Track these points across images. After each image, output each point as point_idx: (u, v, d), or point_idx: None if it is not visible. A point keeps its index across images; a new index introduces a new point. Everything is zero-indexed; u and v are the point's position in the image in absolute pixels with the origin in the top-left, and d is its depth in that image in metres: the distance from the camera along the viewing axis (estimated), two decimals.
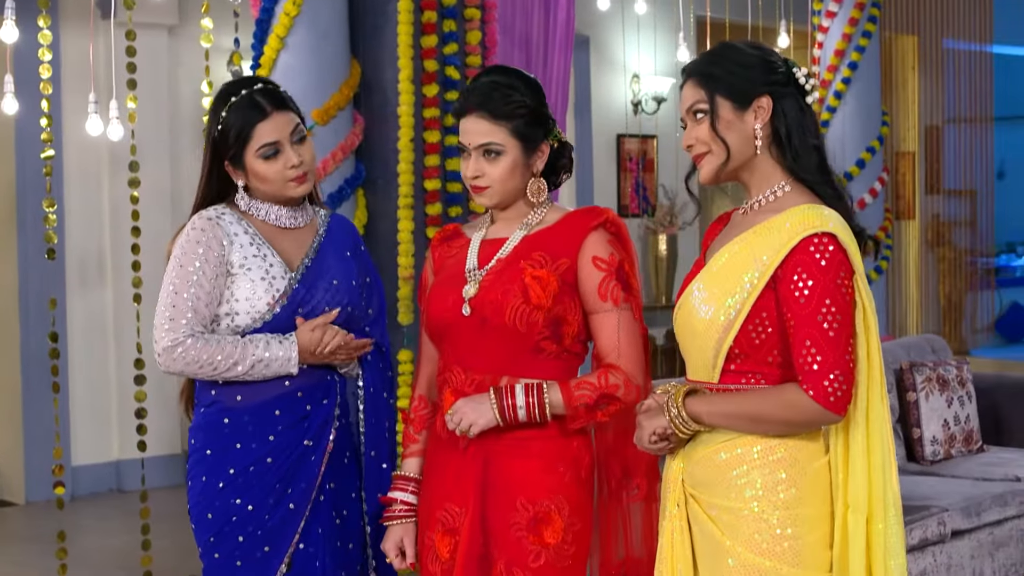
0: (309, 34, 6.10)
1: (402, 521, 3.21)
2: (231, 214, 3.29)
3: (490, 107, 3.06)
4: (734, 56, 2.81)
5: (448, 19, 6.34)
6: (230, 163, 3.28)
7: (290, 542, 3.25)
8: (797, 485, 2.70)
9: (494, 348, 3.03)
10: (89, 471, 8.57)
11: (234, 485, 3.24)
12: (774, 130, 2.79)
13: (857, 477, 2.69)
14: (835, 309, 2.63)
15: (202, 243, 3.22)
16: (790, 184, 2.79)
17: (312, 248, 3.34)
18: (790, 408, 2.66)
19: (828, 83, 9.27)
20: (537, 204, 3.15)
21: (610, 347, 3.04)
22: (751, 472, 2.72)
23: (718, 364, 2.74)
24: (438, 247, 3.26)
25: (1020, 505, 5.38)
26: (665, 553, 2.82)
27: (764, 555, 2.69)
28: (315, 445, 3.26)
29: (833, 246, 2.65)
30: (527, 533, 3.00)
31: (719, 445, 2.75)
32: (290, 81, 6.09)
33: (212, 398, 3.28)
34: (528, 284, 3.00)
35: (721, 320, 2.72)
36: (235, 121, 3.24)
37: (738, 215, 2.91)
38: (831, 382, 2.62)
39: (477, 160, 3.08)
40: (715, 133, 2.80)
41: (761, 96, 2.77)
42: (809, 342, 2.63)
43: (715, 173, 2.83)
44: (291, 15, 6.02)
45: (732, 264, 2.75)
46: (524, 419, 2.98)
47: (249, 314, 3.23)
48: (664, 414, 2.78)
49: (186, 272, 3.21)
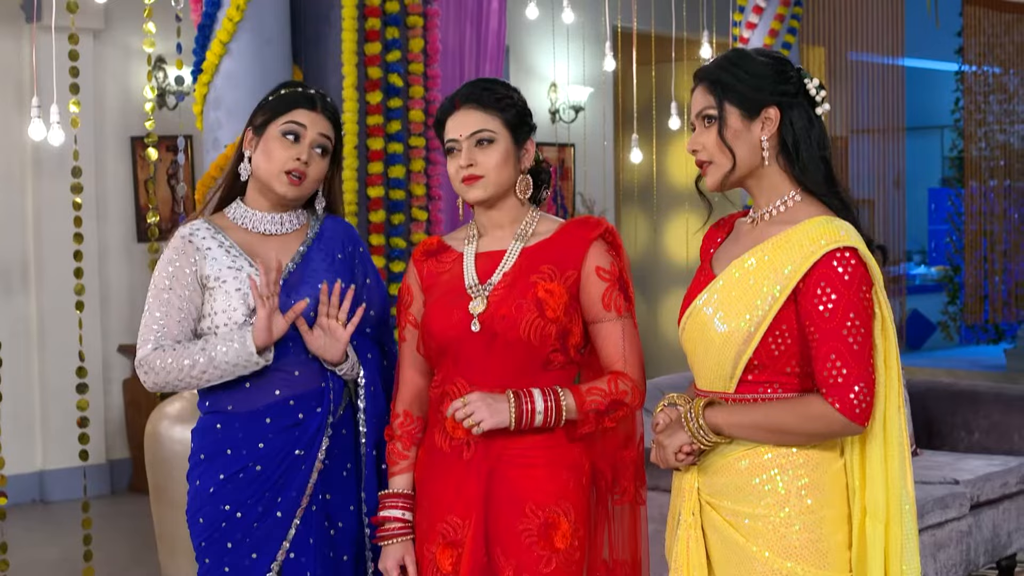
0: (253, 40, 6.06)
1: (399, 539, 3.18)
2: (206, 228, 3.30)
3: (480, 99, 3.10)
4: (745, 64, 2.82)
5: (391, 26, 6.34)
6: (253, 130, 3.30)
7: (277, 550, 3.23)
8: (818, 488, 2.76)
9: (503, 362, 3.04)
10: (13, 482, 8.40)
11: (224, 491, 3.23)
12: (781, 140, 2.81)
13: (876, 485, 2.75)
14: (859, 323, 2.68)
15: (173, 262, 3.27)
16: (799, 194, 2.82)
17: (298, 254, 3.32)
18: (815, 420, 2.70)
19: None
20: (527, 204, 3.16)
21: (616, 355, 3.07)
22: (774, 479, 2.76)
23: (736, 375, 2.78)
24: (424, 261, 3.23)
25: (960, 507, 5.50)
26: (681, 560, 2.85)
27: (792, 558, 2.73)
28: (306, 454, 3.24)
29: (855, 260, 2.69)
30: (537, 539, 3.01)
31: (741, 453, 2.79)
32: (233, 87, 6.06)
33: (207, 406, 3.29)
34: (543, 298, 3.02)
35: (742, 332, 2.75)
36: (285, 96, 3.29)
37: (744, 224, 2.92)
38: (856, 394, 2.67)
39: (469, 150, 3.08)
40: (723, 142, 2.82)
41: (769, 107, 2.80)
42: (834, 356, 2.67)
43: (720, 182, 2.85)
44: (234, 20, 5.97)
45: (750, 277, 2.77)
46: (540, 424, 2.99)
47: (227, 325, 3.23)
48: (683, 429, 2.80)
49: (157, 291, 3.27)
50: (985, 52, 11.92)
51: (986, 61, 11.94)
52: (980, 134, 12.01)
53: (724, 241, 2.98)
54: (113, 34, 8.48)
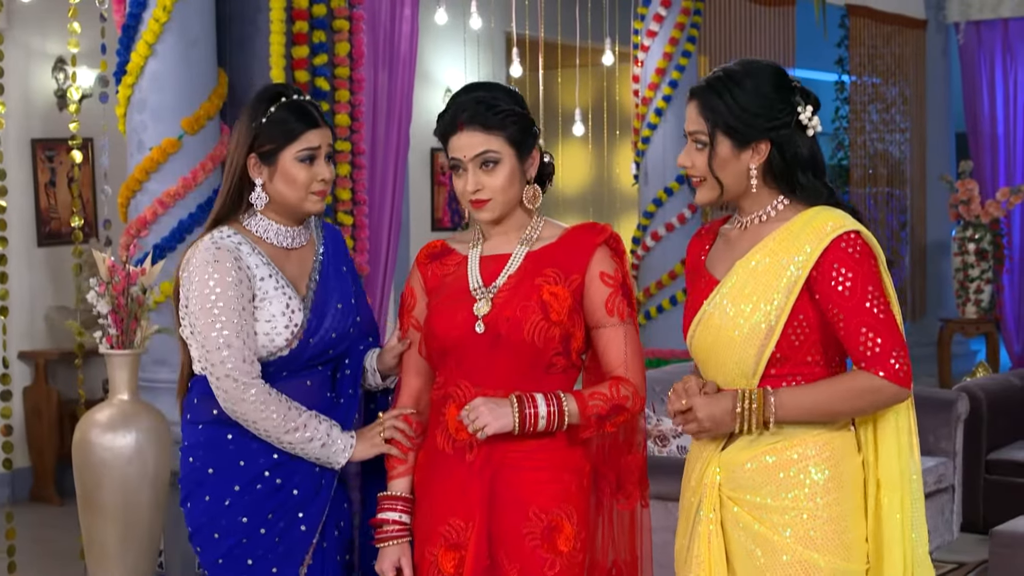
0: (178, 42, 6.01)
1: (397, 541, 3.17)
2: (246, 242, 3.19)
3: (481, 119, 3.07)
4: (741, 93, 2.84)
5: (318, 30, 6.32)
6: (260, 158, 3.17)
7: (300, 563, 3.19)
8: (840, 482, 2.84)
9: (506, 364, 3.05)
10: None
11: (240, 503, 3.15)
12: (770, 167, 2.88)
13: (890, 455, 2.85)
14: (878, 293, 2.78)
15: (233, 277, 3.12)
16: (787, 198, 2.91)
17: (315, 271, 3.27)
18: (866, 395, 2.78)
19: (649, 100, 9.53)
20: (534, 212, 3.18)
21: (618, 361, 3.09)
22: (799, 473, 2.83)
23: (759, 371, 2.84)
24: (428, 264, 3.23)
25: None
26: (703, 556, 2.90)
27: (818, 550, 2.80)
28: (323, 468, 3.21)
29: (860, 240, 2.80)
30: (541, 542, 3.03)
31: (765, 448, 2.85)
32: (159, 90, 6.01)
33: (214, 416, 3.18)
34: (547, 301, 3.04)
35: (763, 328, 2.81)
36: (286, 118, 3.17)
37: (734, 231, 2.98)
38: (896, 359, 2.76)
39: (475, 173, 3.08)
40: (711, 169, 2.88)
41: (760, 141, 2.86)
42: (865, 328, 2.76)
43: (711, 202, 2.94)
44: (161, 21, 5.92)
45: (759, 273, 2.84)
46: (543, 428, 3.01)
47: (266, 348, 3.15)
48: (730, 402, 2.83)
49: (228, 308, 3.10)
50: (866, 63, 12.21)
51: (867, 72, 12.23)
52: (860, 143, 12.28)
53: (713, 248, 3.04)
54: (14, 34, 8.28)
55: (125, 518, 5.47)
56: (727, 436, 2.90)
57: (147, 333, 5.52)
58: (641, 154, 9.62)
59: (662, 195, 9.56)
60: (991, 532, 4.97)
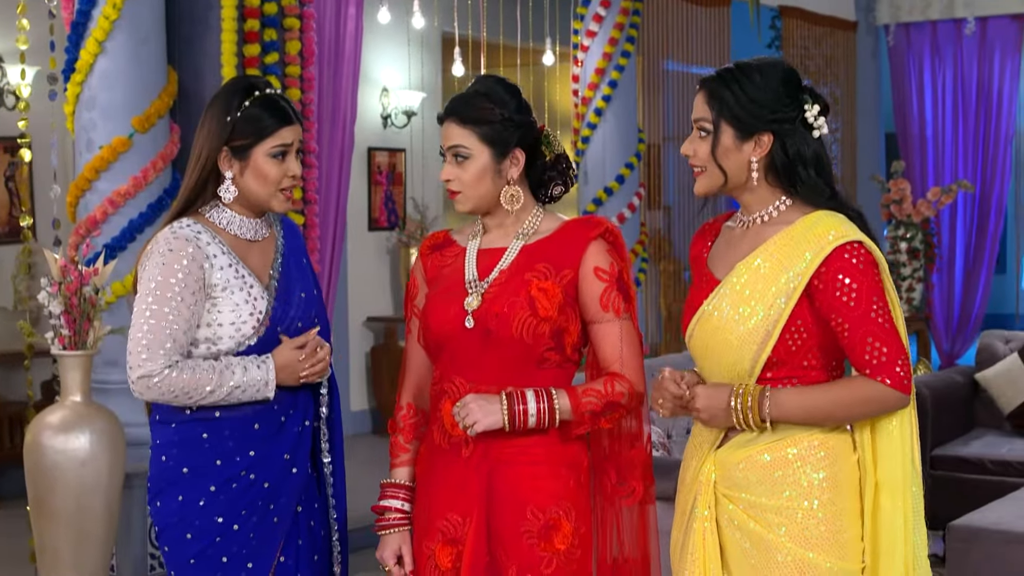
0: (128, 39, 5.95)
1: (398, 529, 3.19)
2: (206, 231, 3.18)
3: (460, 112, 3.10)
4: (748, 84, 2.86)
5: (269, 28, 6.28)
6: (232, 152, 3.16)
7: (273, 556, 3.18)
8: (836, 482, 2.86)
9: (498, 359, 3.05)
10: None
11: (216, 502, 3.14)
12: (772, 162, 2.89)
13: (893, 457, 2.86)
14: (881, 303, 2.81)
15: (181, 266, 3.11)
16: (790, 199, 2.92)
17: (277, 262, 3.27)
18: (872, 403, 2.81)
19: (588, 100, 9.56)
20: (523, 212, 3.16)
21: (613, 357, 3.09)
22: (796, 472, 2.85)
23: (755, 373, 2.85)
24: (429, 255, 3.24)
25: None
26: (698, 554, 2.91)
27: (814, 549, 2.82)
28: (293, 457, 3.21)
29: (863, 250, 2.81)
30: (539, 540, 3.03)
31: (763, 447, 2.87)
32: (109, 87, 5.94)
33: (187, 415, 3.16)
34: (535, 296, 3.03)
35: (760, 332, 2.83)
36: (260, 115, 3.16)
37: (736, 230, 3.00)
38: (900, 367, 2.80)
39: (450, 164, 3.12)
40: (713, 157, 2.90)
41: (763, 133, 2.87)
42: (871, 338, 2.79)
43: (709, 191, 2.94)
44: (111, 19, 5.86)
45: (759, 277, 2.85)
46: (534, 425, 3.01)
47: (234, 338, 3.15)
48: (727, 396, 2.84)
49: (164, 297, 3.10)
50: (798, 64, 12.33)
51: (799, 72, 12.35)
52: None
53: (714, 246, 3.05)
54: None
55: (79, 521, 5.39)
56: (723, 433, 2.92)
57: (100, 334, 5.45)
58: (581, 153, 9.63)
59: (602, 195, 9.58)
60: (948, 527, 5.03)
